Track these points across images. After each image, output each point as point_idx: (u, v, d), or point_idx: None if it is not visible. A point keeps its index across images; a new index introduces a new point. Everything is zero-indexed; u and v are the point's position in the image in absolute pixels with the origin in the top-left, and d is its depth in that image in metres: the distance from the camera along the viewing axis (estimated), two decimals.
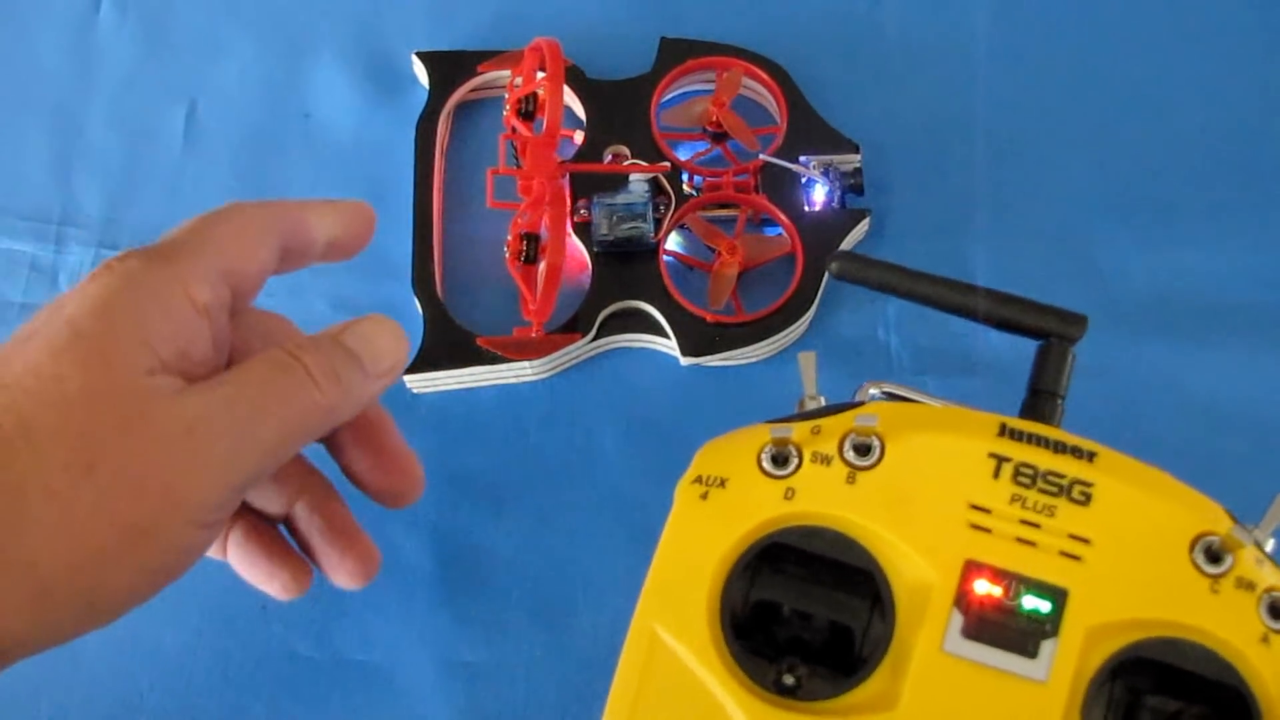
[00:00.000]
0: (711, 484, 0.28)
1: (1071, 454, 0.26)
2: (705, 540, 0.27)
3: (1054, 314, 0.29)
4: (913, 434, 0.27)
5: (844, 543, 0.26)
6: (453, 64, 0.48)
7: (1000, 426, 0.27)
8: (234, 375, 0.31)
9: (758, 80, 0.47)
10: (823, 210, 0.45)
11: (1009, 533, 0.26)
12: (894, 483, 0.26)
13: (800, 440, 0.28)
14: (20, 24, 0.51)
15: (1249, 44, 0.48)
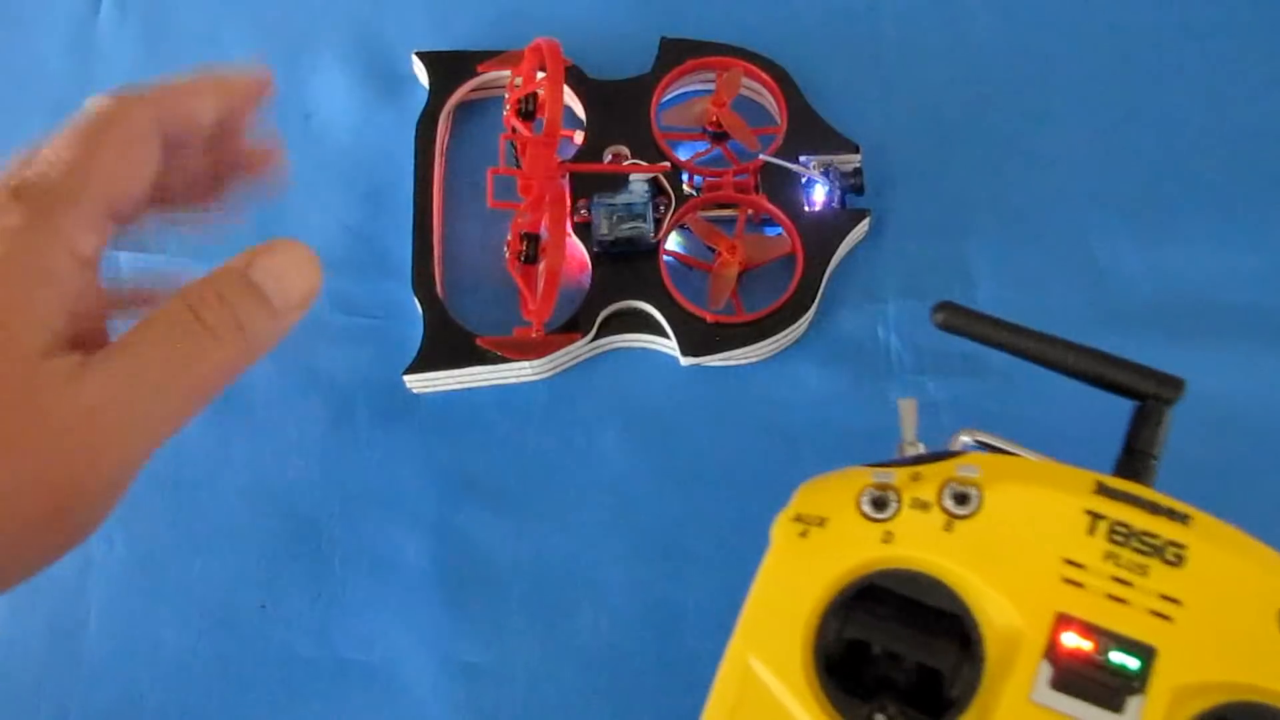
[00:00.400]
0: (811, 522, 0.29)
1: (1166, 515, 0.27)
2: (803, 577, 0.28)
3: (1153, 376, 0.30)
4: (1011, 486, 0.28)
5: (939, 588, 0.27)
6: (453, 64, 0.48)
7: (1097, 484, 0.28)
8: (132, 344, 0.30)
9: (758, 80, 0.47)
10: (823, 210, 0.45)
11: (1101, 589, 0.26)
12: (991, 533, 0.27)
13: (901, 485, 0.28)
14: (21, 24, 0.51)
15: (1251, 44, 0.48)
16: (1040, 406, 0.40)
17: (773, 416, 0.44)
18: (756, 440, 0.43)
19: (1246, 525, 0.41)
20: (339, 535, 0.42)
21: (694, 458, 0.43)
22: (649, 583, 0.41)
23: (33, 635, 0.41)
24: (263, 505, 0.43)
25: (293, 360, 0.45)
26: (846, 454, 0.42)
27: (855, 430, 0.43)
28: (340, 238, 0.47)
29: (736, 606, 0.40)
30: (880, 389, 0.44)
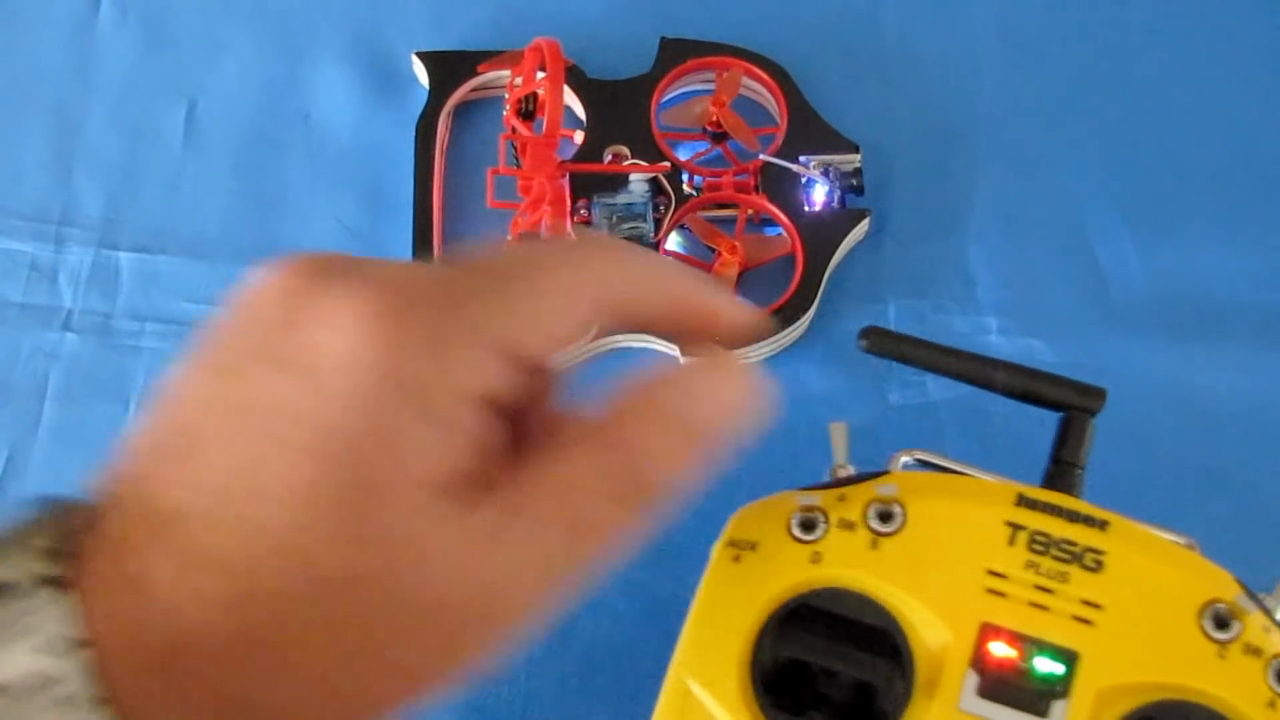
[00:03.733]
0: (744, 547, 0.29)
1: (1084, 523, 0.28)
2: (738, 600, 0.28)
3: (1072, 387, 0.31)
4: (933, 501, 0.28)
5: (867, 605, 0.28)
6: (453, 64, 0.48)
7: (1018, 496, 0.28)
8: (534, 502, 0.22)
9: (758, 80, 0.47)
10: (823, 210, 0.45)
11: (1024, 597, 0.27)
12: (915, 548, 0.28)
13: (827, 507, 0.29)
14: (20, 24, 0.51)
15: (1252, 43, 0.48)
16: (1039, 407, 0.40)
17: (773, 417, 0.43)
18: (757, 440, 0.43)
19: (1247, 525, 0.41)
20: None
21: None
22: (648, 582, 0.41)
23: None
24: None
25: None
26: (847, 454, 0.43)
27: (854, 430, 0.43)
28: (340, 238, 0.47)
29: None
30: (880, 389, 0.44)
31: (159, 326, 0.45)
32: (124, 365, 0.45)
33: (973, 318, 0.44)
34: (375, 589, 0.20)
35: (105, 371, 0.45)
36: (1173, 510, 0.41)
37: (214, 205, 0.47)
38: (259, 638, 0.20)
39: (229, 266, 0.46)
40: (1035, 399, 0.31)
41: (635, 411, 0.25)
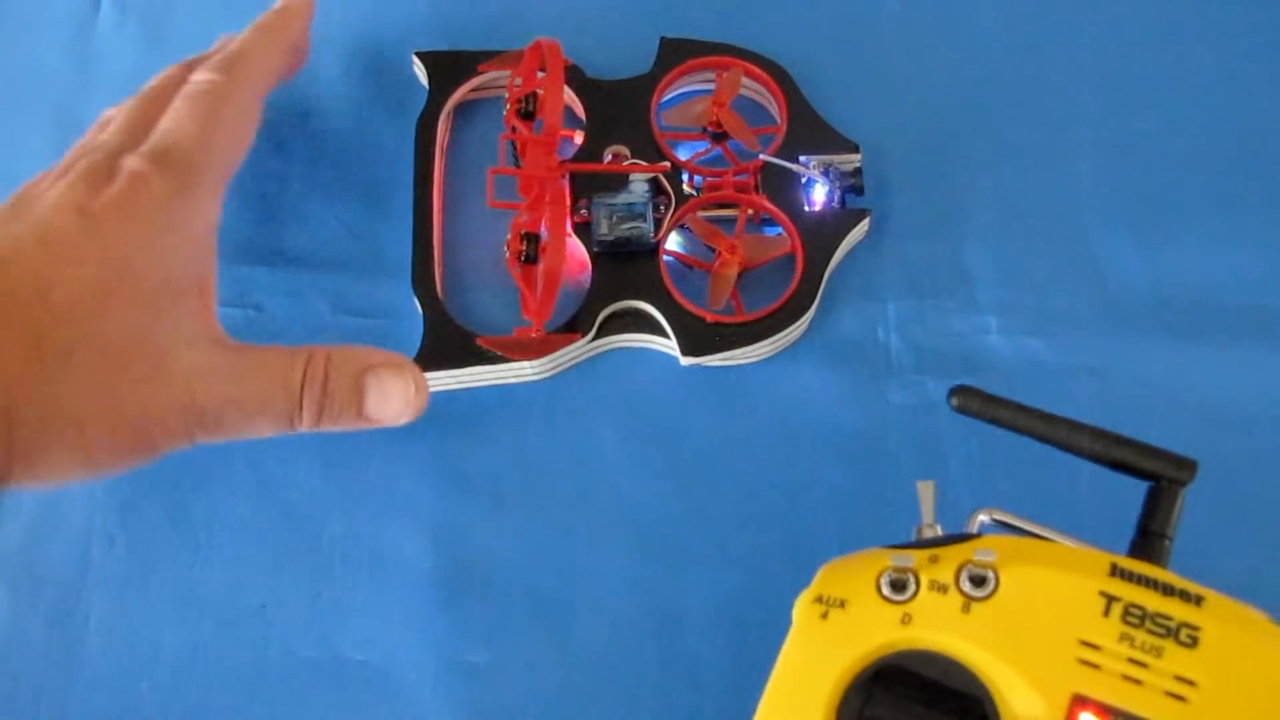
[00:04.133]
0: (832, 604, 0.29)
1: (1180, 597, 0.27)
2: (823, 658, 0.28)
3: (1165, 458, 0.31)
4: (1027, 568, 0.28)
5: (956, 669, 0.27)
6: (452, 64, 0.48)
7: (1111, 566, 0.28)
8: (244, 370, 0.37)
9: (757, 80, 0.47)
10: (823, 210, 0.45)
11: (1117, 670, 0.27)
12: (1007, 614, 0.28)
13: (919, 568, 0.29)
14: (20, 23, 0.51)
15: (1253, 43, 0.48)
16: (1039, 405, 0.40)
17: (772, 416, 0.44)
18: (756, 440, 0.43)
19: (1248, 527, 0.41)
20: (339, 535, 0.42)
21: (694, 458, 0.43)
22: (649, 583, 0.41)
23: (33, 635, 0.41)
24: (263, 505, 0.43)
25: None
26: (847, 454, 0.43)
27: (854, 431, 0.43)
28: (339, 237, 0.47)
29: (736, 607, 0.41)
30: (880, 389, 0.44)
31: None
32: None
33: (972, 317, 0.45)
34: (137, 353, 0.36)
35: None
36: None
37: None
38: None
39: (229, 267, 0.46)
40: (1124, 468, 0.31)
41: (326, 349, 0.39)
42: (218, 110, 0.39)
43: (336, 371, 0.38)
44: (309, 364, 0.38)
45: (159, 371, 0.36)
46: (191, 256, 0.38)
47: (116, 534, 0.43)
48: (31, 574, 0.42)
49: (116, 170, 0.36)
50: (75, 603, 0.42)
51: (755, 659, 0.40)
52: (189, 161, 0.37)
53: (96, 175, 0.36)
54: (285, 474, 0.43)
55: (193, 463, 0.43)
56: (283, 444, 0.43)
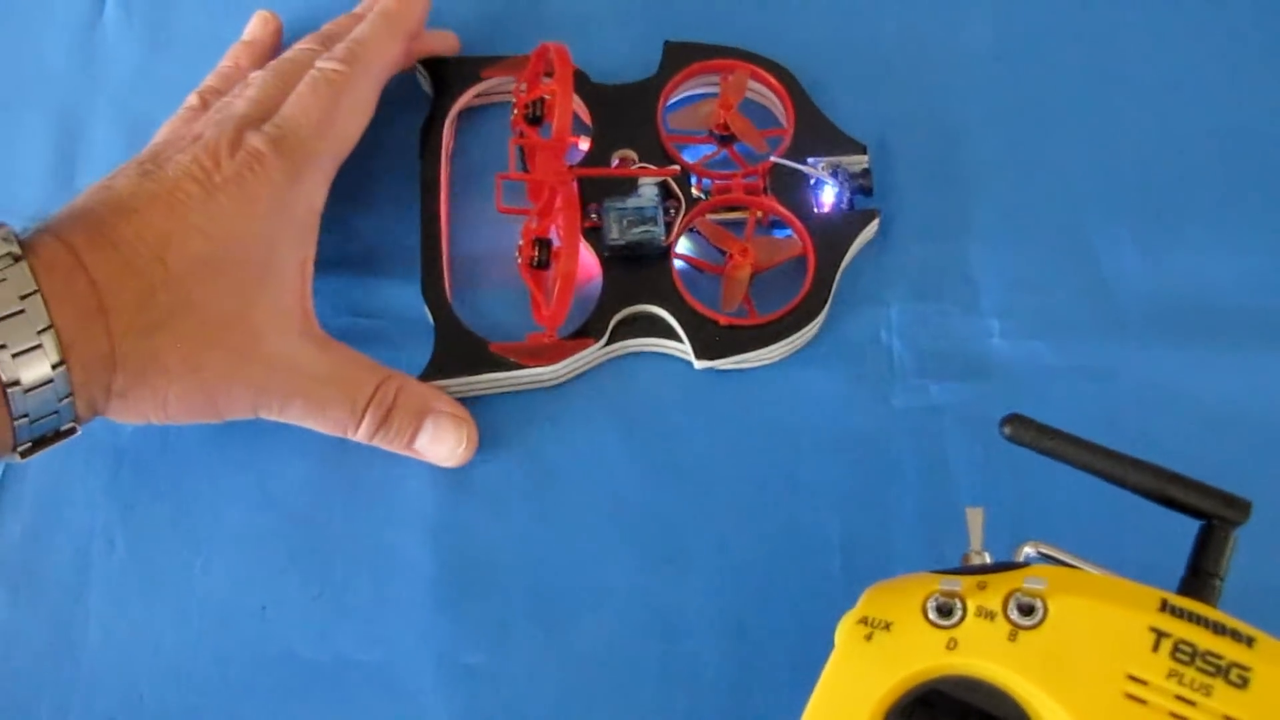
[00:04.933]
0: (876, 626, 0.29)
1: (1231, 636, 0.27)
2: (867, 680, 0.28)
3: (1219, 497, 0.30)
4: (1076, 599, 0.28)
5: (1001, 698, 0.27)
6: (455, 70, 0.48)
7: (1162, 602, 0.28)
8: (323, 375, 0.40)
9: (763, 83, 0.47)
10: (832, 211, 0.45)
11: (1164, 706, 0.26)
12: (1055, 645, 0.27)
13: (966, 593, 0.29)
14: (24, 23, 0.52)
15: (1255, 46, 0.48)
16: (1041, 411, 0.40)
17: (775, 420, 0.44)
18: (758, 443, 0.43)
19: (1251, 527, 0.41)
20: (340, 536, 0.42)
21: (695, 461, 0.43)
22: (650, 586, 0.41)
23: (33, 635, 0.41)
24: (264, 505, 0.43)
25: None
26: (850, 457, 0.43)
27: (858, 434, 0.43)
28: (345, 239, 0.46)
29: (738, 611, 0.41)
30: (883, 392, 0.44)
31: None
32: None
33: (975, 320, 0.45)
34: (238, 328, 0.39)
35: None
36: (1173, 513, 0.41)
37: None
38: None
39: None
40: (1175, 505, 0.30)
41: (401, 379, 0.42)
42: (337, 99, 0.42)
43: (403, 404, 0.41)
44: (381, 386, 0.41)
45: (245, 350, 0.39)
46: (296, 238, 0.41)
47: (116, 534, 0.43)
48: (31, 574, 0.42)
49: (240, 144, 0.39)
50: (75, 603, 0.42)
51: (756, 663, 0.40)
52: (305, 148, 0.40)
53: (223, 146, 0.39)
54: (286, 474, 0.43)
55: (193, 463, 0.43)
56: (284, 444, 0.43)
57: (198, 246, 0.37)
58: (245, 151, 0.39)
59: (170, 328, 0.37)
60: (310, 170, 0.41)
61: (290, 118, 0.41)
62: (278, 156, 0.39)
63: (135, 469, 0.43)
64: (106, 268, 0.36)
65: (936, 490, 0.42)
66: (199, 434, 0.43)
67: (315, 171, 0.41)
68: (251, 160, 0.39)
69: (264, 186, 0.39)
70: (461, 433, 0.42)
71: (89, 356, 0.35)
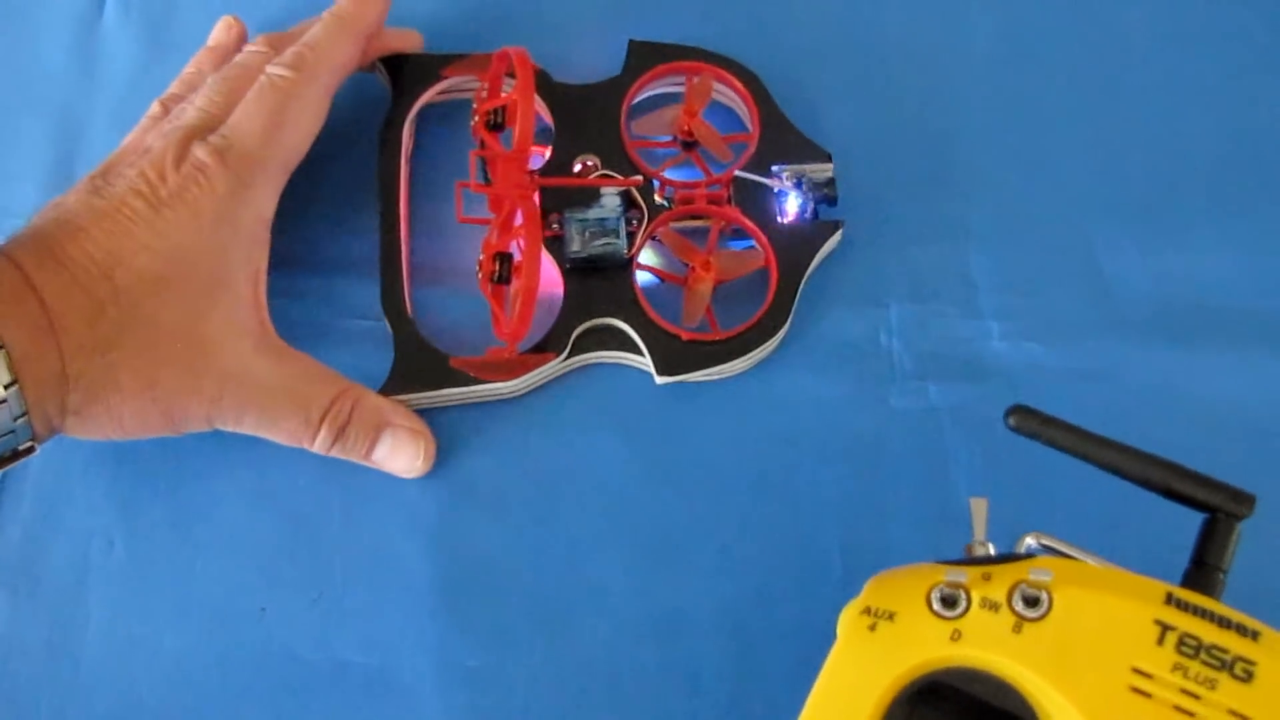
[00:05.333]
0: (880, 616, 0.29)
1: (1236, 630, 0.27)
2: (870, 670, 0.28)
3: (1222, 490, 0.30)
4: (1082, 591, 0.28)
5: (1005, 689, 0.27)
6: (415, 68, 0.47)
7: (1167, 595, 0.28)
8: (274, 385, 0.40)
9: (729, 86, 0.47)
10: (796, 221, 0.44)
11: (1169, 700, 0.26)
12: (1059, 637, 0.27)
13: (971, 585, 0.29)
14: (23, 24, 0.51)
15: (1253, 46, 0.48)
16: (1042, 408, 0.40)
17: (776, 422, 0.43)
18: (759, 446, 0.43)
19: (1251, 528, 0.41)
20: (340, 538, 0.42)
21: (695, 464, 0.43)
22: (648, 588, 0.41)
23: (32, 636, 0.41)
24: (263, 507, 0.43)
25: None
26: (849, 459, 0.43)
27: (858, 435, 0.43)
28: (341, 238, 0.46)
29: (736, 612, 0.41)
30: (882, 394, 0.44)
31: None
32: None
33: (974, 322, 0.44)
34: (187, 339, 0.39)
35: None
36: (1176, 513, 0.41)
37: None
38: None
39: None
40: (1179, 497, 0.30)
41: (359, 391, 0.42)
42: (285, 106, 0.41)
43: (359, 417, 0.41)
44: (336, 400, 0.41)
45: (198, 364, 0.39)
46: (245, 250, 0.40)
47: (116, 534, 0.43)
48: (31, 574, 0.42)
49: (186, 156, 0.39)
50: (75, 603, 0.42)
51: (754, 665, 0.40)
52: (251, 158, 0.40)
53: (169, 159, 0.39)
54: (286, 476, 0.43)
55: (193, 464, 0.43)
56: (283, 446, 0.43)
57: (145, 262, 0.38)
58: (190, 164, 0.39)
59: (122, 345, 0.37)
60: (258, 180, 0.40)
61: (236, 127, 0.40)
62: (223, 168, 0.39)
63: (135, 469, 0.43)
64: (55, 287, 0.36)
65: (936, 491, 0.42)
66: (199, 435, 0.43)
67: (263, 181, 0.41)
68: (196, 173, 0.39)
69: (209, 199, 0.39)
70: (418, 447, 0.42)
71: (42, 375, 0.36)
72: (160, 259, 0.38)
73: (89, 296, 0.37)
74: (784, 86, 0.47)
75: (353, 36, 0.44)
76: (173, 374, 0.38)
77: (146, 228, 0.38)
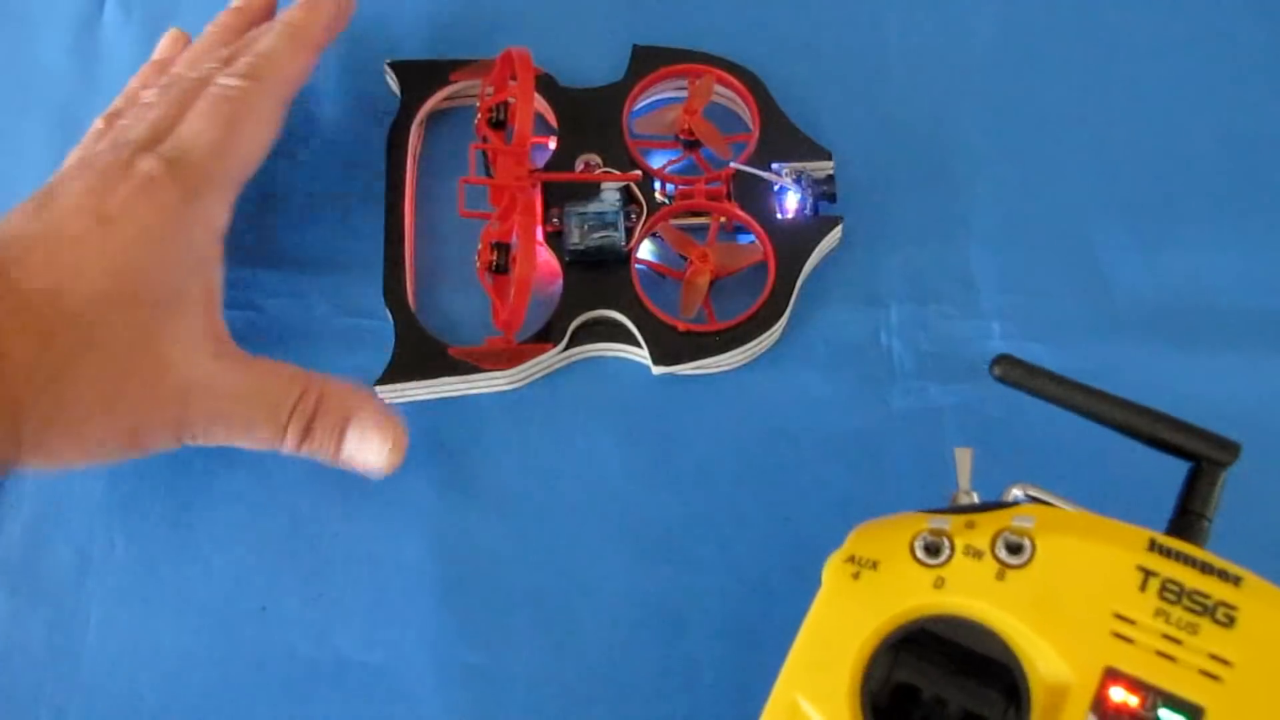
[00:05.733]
0: (864, 565, 0.29)
1: (1218, 576, 0.27)
2: (854, 618, 0.28)
3: (1206, 438, 0.30)
4: (1064, 538, 0.28)
5: (988, 636, 0.27)
6: (424, 73, 0.48)
7: (1150, 541, 0.28)
8: (238, 390, 0.39)
9: (730, 88, 0.47)
10: (795, 218, 0.45)
11: (1151, 645, 0.26)
12: (1042, 583, 0.27)
13: (954, 532, 0.29)
14: (24, 24, 0.52)
15: (1253, 48, 0.48)
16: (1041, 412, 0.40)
17: (776, 421, 0.44)
18: (759, 445, 0.43)
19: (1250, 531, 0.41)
20: (340, 535, 0.42)
21: (696, 463, 0.43)
22: (649, 587, 0.41)
23: (33, 636, 0.41)
24: (263, 506, 0.43)
25: (294, 360, 0.45)
26: (849, 459, 0.43)
27: (858, 435, 0.43)
28: (341, 238, 0.47)
29: (738, 610, 0.41)
30: (882, 393, 0.44)
31: None
32: None
33: (975, 322, 0.44)
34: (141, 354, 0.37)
35: None
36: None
37: None
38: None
39: (230, 268, 0.46)
40: (1165, 446, 0.31)
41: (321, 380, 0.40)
42: (238, 117, 0.39)
43: (325, 410, 0.39)
44: (301, 397, 0.39)
45: (156, 381, 0.37)
46: (197, 263, 0.39)
47: (116, 534, 0.43)
48: (31, 574, 0.42)
49: (132, 169, 0.37)
50: (75, 603, 0.42)
51: (755, 663, 0.40)
52: (202, 170, 0.38)
53: (115, 174, 0.37)
54: (286, 475, 0.43)
55: (193, 464, 0.43)
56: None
57: (93, 283, 0.35)
58: (137, 176, 0.37)
59: (76, 370, 0.35)
60: (208, 192, 0.38)
61: (186, 138, 0.38)
62: (172, 180, 0.37)
63: (135, 469, 0.43)
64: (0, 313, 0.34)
65: (936, 491, 0.42)
66: None
67: (214, 193, 0.39)
68: (145, 185, 0.37)
69: (158, 213, 0.37)
70: (386, 435, 0.40)
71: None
72: (109, 277, 0.36)
73: (36, 323, 0.34)
74: (784, 87, 0.47)
75: (305, 46, 0.43)
76: (133, 394, 0.37)
77: (93, 247, 0.36)
